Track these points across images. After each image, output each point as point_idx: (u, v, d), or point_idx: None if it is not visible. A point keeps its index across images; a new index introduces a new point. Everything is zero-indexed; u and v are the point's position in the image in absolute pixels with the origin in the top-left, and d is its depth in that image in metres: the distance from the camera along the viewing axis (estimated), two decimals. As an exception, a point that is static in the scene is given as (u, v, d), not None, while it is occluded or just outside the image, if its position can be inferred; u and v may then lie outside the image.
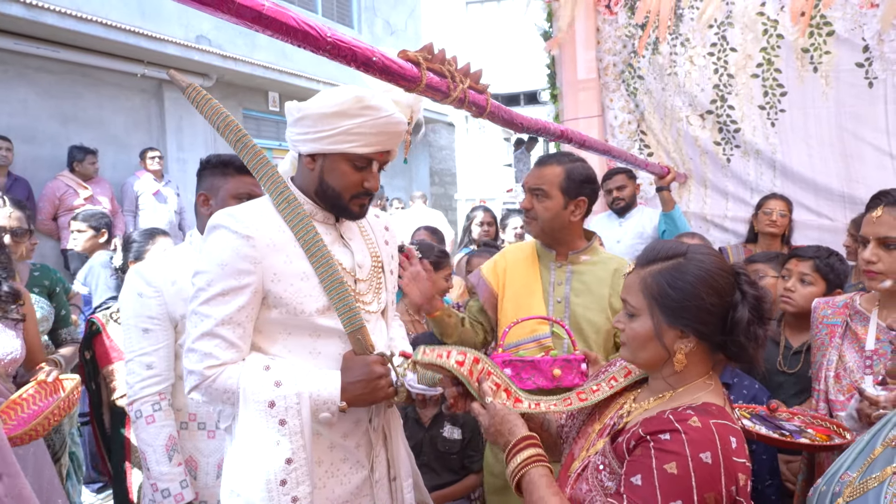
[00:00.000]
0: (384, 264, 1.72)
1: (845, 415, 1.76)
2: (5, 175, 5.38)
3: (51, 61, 6.01)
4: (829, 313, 2.01)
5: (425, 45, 1.61)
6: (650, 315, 1.20)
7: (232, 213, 1.47)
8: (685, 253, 1.20)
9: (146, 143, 6.87)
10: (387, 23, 10.93)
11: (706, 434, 1.06)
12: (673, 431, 1.07)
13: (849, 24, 3.43)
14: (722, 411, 1.13)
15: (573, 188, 2.04)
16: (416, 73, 1.53)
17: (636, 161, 3.59)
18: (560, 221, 2.06)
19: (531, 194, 2.08)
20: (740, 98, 3.82)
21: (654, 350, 1.21)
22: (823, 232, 3.59)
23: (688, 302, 1.16)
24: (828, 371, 1.91)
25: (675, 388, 1.21)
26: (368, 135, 1.49)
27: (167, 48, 6.61)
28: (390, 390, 1.53)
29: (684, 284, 1.16)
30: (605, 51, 4.28)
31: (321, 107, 1.47)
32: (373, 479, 1.61)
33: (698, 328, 1.17)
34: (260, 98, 8.46)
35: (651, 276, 1.21)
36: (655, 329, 1.19)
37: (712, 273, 1.17)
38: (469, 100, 1.73)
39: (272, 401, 1.41)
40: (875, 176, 3.43)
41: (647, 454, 1.07)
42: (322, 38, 1.28)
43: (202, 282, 1.44)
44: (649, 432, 1.09)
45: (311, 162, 1.53)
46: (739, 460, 1.06)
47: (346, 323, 1.50)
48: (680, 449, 1.04)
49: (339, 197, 1.54)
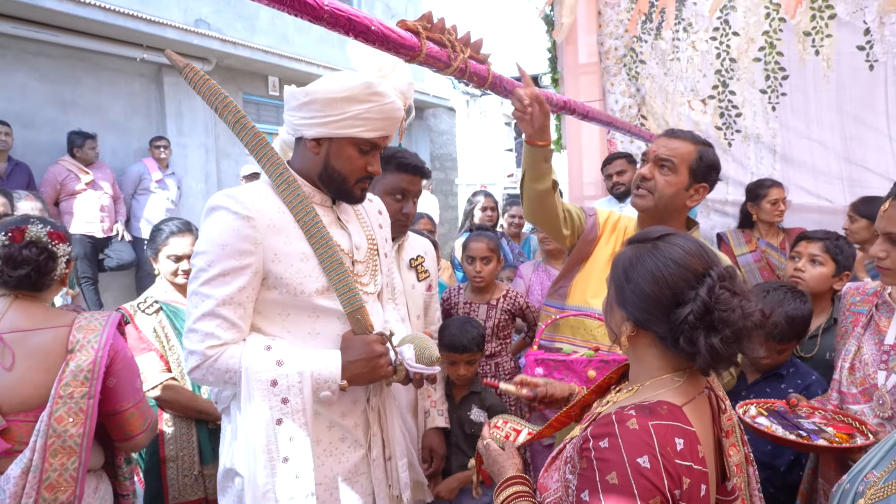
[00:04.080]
0: (379, 247, 1.73)
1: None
2: (5, 160, 5.38)
3: (50, 46, 5.98)
4: (858, 300, 1.96)
5: (424, 14, 1.58)
6: (608, 290, 1.24)
7: (231, 194, 1.47)
8: (657, 238, 1.18)
9: (146, 128, 6.85)
10: (387, 6, 10.86)
11: (642, 437, 1.02)
12: (611, 436, 1.04)
13: (850, 6, 3.42)
14: (674, 410, 1.08)
15: (701, 171, 1.92)
16: (415, 42, 1.51)
17: (639, 132, 3.59)
18: (678, 202, 1.94)
19: (656, 164, 1.93)
20: (742, 83, 3.81)
21: (609, 325, 1.25)
22: (823, 214, 3.60)
23: (629, 283, 1.16)
24: (844, 361, 1.85)
25: (643, 382, 1.19)
26: (375, 120, 1.51)
27: (166, 32, 6.57)
28: (389, 369, 1.55)
29: (635, 268, 1.15)
30: (607, 35, 4.26)
31: (330, 91, 1.48)
32: (370, 458, 1.63)
33: (634, 314, 1.15)
34: (260, 82, 8.42)
35: (621, 253, 1.22)
36: (608, 304, 1.23)
37: (661, 262, 1.13)
38: (470, 70, 1.70)
39: (274, 379, 1.42)
40: (875, 159, 3.44)
41: (591, 466, 1.04)
42: (319, 6, 1.26)
43: (202, 262, 1.45)
44: (593, 435, 1.07)
45: (317, 146, 1.54)
46: (684, 463, 1.03)
47: (346, 303, 1.52)
48: (617, 457, 1.01)
49: (344, 181, 1.56)
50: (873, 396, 1.74)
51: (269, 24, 8.29)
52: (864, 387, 1.77)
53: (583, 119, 2.77)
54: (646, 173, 1.93)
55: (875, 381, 1.75)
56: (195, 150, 7.48)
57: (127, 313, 2.29)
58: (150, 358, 2.24)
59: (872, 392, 1.75)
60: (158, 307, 2.31)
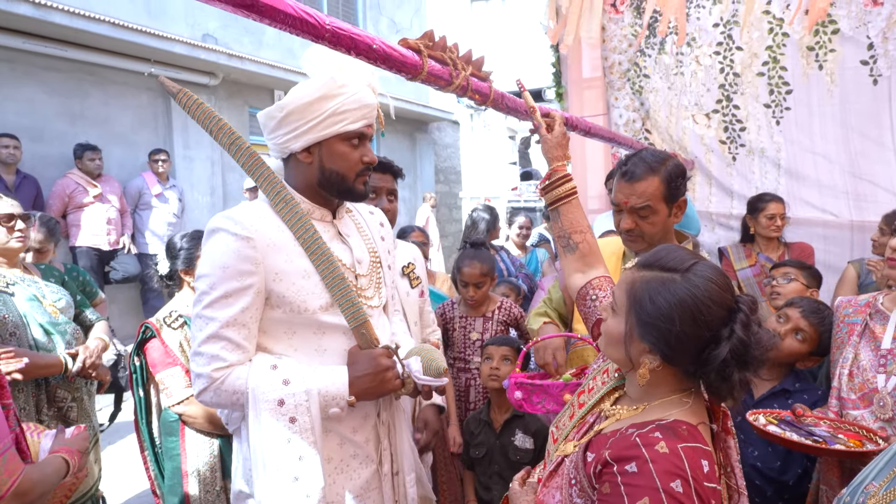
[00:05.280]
0: (382, 259, 1.73)
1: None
2: (14, 173, 5.42)
3: (58, 60, 6.04)
4: (851, 312, 1.99)
5: (426, 33, 1.59)
6: (625, 318, 1.16)
7: (230, 215, 1.47)
8: (685, 270, 1.12)
9: (152, 141, 6.90)
10: (392, 21, 10.95)
11: (674, 461, 1.00)
12: (639, 460, 1.02)
13: (853, 22, 3.43)
14: (693, 432, 1.07)
15: (673, 192, 1.85)
16: (417, 60, 1.52)
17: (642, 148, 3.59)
18: (665, 230, 1.90)
19: (634, 214, 1.85)
20: (746, 97, 3.82)
21: (621, 353, 1.18)
22: (828, 228, 3.60)
23: (659, 322, 1.09)
24: (842, 368, 1.89)
25: (650, 402, 1.17)
26: (353, 110, 1.53)
27: (174, 47, 6.64)
28: (397, 382, 1.54)
29: (663, 303, 1.09)
30: (611, 49, 4.28)
31: (302, 97, 1.49)
32: (381, 473, 1.62)
33: (664, 350, 1.11)
34: (266, 96, 8.48)
35: (641, 280, 1.15)
36: (626, 334, 1.15)
37: (700, 301, 1.08)
38: (472, 87, 1.70)
39: (281, 399, 1.42)
40: (879, 172, 3.45)
41: (618, 492, 1.02)
42: (321, 25, 1.27)
43: (205, 285, 1.44)
44: (615, 458, 1.05)
45: (308, 155, 1.55)
46: (710, 485, 1.02)
47: (350, 318, 1.52)
48: (649, 482, 0.99)
49: (344, 179, 1.56)
50: (873, 400, 1.78)
51: (276, 38, 8.37)
52: (864, 392, 1.81)
53: (585, 136, 2.78)
54: (629, 226, 1.87)
55: (874, 385, 1.79)
56: (201, 163, 7.53)
57: (153, 327, 2.28)
58: (176, 372, 2.22)
59: (872, 396, 1.79)
60: (183, 321, 2.30)
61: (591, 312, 1.52)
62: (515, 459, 2.30)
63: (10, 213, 2.40)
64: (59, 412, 2.36)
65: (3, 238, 2.39)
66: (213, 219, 1.50)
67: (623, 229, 1.90)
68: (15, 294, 2.32)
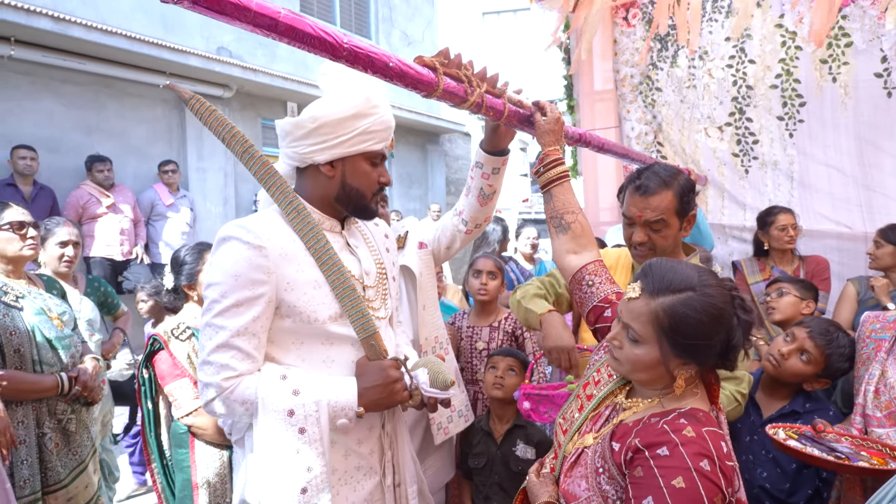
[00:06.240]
0: (388, 271, 1.73)
1: None
2: (31, 184, 5.49)
3: (76, 73, 6.14)
4: (878, 328, 1.96)
5: (441, 50, 1.61)
6: (657, 346, 1.21)
7: (242, 224, 1.47)
8: (695, 286, 1.19)
9: (167, 153, 6.97)
10: (404, 34, 11.03)
11: (702, 443, 1.11)
12: (670, 444, 1.11)
13: (867, 35, 3.43)
14: (708, 417, 1.19)
15: (685, 206, 1.86)
16: (432, 78, 1.54)
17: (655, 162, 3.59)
18: (675, 243, 1.90)
19: (647, 228, 1.84)
20: (759, 110, 3.81)
21: (656, 374, 1.24)
22: (842, 240, 3.57)
23: (700, 341, 1.18)
24: (868, 385, 1.85)
25: (664, 394, 1.26)
26: (380, 131, 1.55)
27: (189, 60, 6.72)
28: (405, 394, 1.54)
29: (696, 324, 1.17)
30: (623, 62, 4.30)
31: (338, 112, 1.50)
32: (384, 485, 1.61)
33: (698, 360, 1.22)
34: (279, 108, 8.56)
35: (663, 310, 1.19)
36: (663, 358, 1.21)
37: (718, 307, 1.18)
38: (486, 104, 1.72)
39: (291, 409, 1.41)
40: (893, 184, 3.43)
41: (652, 474, 1.10)
42: (339, 45, 1.29)
43: (215, 293, 1.44)
44: (646, 445, 1.13)
45: (332, 169, 1.55)
46: (730, 463, 1.13)
47: (360, 329, 1.51)
48: (682, 463, 1.09)
49: (362, 197, 1.58)
50: None
51: (289, 51, 8.46)
52: (890, 410, 1.77)
53: (598, 151, 2.78)
54: (641, 239, 1.86)
55: None
56: (214, 173, 7.60)
57: (161, 339, 2.28)
58: (184, 384, 2.22)
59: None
60: (191, 333, 2.30)
61: (587, 298, 1.56)
62: (517, 470, 2.28)
63: (21, 221, 2.42)
64: (59, 424, 2.37)
65: (17, 246, 2.41)
66: (224, 227, 1.49)
67: (635, 242, 1.89)
68: (24, 308, 2.32)
